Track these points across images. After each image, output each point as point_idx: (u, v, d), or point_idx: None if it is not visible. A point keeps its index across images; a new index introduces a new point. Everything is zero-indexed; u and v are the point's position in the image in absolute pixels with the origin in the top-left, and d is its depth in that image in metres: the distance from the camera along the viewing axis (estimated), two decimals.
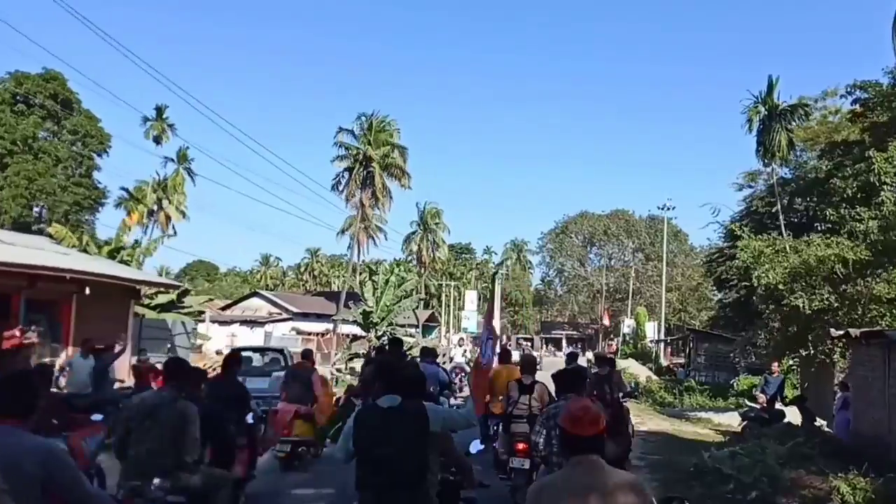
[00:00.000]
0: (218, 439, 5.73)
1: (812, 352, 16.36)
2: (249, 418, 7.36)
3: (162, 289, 25.70)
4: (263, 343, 36.41)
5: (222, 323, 40.19)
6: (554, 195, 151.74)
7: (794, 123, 26.74)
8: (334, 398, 11.76)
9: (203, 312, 31.98)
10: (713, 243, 68.62)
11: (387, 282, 29.46)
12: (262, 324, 38.44)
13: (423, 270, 67.12)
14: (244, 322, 39.22)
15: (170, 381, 5.36)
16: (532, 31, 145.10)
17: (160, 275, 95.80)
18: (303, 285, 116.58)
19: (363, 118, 44.52)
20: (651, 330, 59.29)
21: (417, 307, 33.05)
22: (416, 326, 62.40)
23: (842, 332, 11.98)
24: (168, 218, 55.58)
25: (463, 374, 22.84)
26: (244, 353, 15.22)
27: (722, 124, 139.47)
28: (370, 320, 28.52)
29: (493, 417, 10.00)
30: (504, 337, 73.66)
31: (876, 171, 22.52)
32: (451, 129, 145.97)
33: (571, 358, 12.95)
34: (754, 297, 37.05)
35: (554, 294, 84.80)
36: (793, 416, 14.13)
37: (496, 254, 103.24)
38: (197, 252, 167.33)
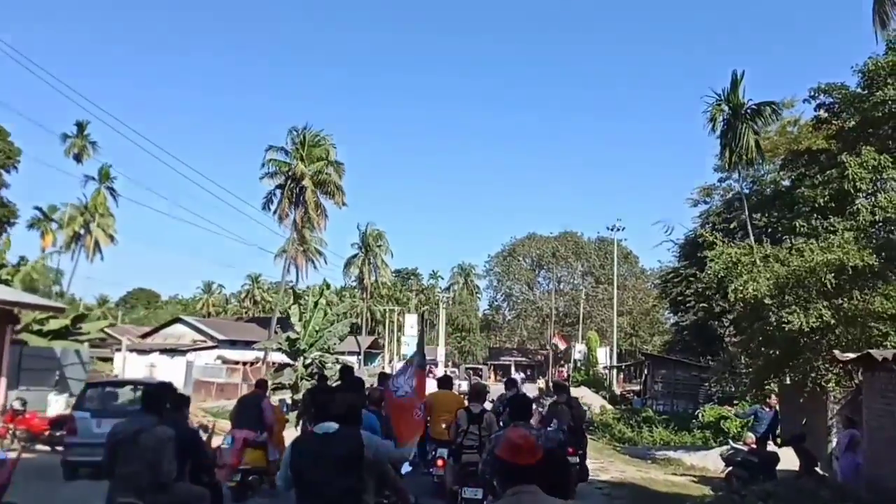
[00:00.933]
0: (195, 459, 5.93)
1: (800, 378, 13.89)
2: None
3: (51, 313, 22.21)
4: (185, 374, 33.05)
5: (141, 352, 36.57)
6: (502, 218, 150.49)
7: (759, 124, 24.61)
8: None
9: (105, 339, 28.43)
10: (665, 265, 67.38)
11: (315, 304, 26.47)
12: (183, 352, 34.97)
13: (365, 295, 63.98)
14: (164, 351, 35.70)
15: (150, 406, 5.68)
16: (477, 51, 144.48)
17: (99, 304, 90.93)
18: (245, 312, 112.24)
19: (295, 132, 41.80)
20: (603, 355, 57.36)
21: (353, 332, 29.72)
22: (358, 354, 59.18)
23: (856, 355, 9.51)
24: (96, 242, 51.72)
25: None
26: (107, 389, 12.27)
27: (673, 141, 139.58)
28: (297, 347, 25.43)
29: (431, 441, 9.78)
30: (450, 363, 71.36)
31: (850, 177, 20.66)
32: (395, 152, 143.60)
33: (510, 384, 12.59)
34: (728, 315, 34.92)
35: (502, 319, 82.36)
36: (788, 459, 11.66)
37: (443, 278, 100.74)
38: (138, 280, 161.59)
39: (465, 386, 27.01)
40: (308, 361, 25.62)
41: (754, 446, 11.87)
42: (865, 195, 20.78)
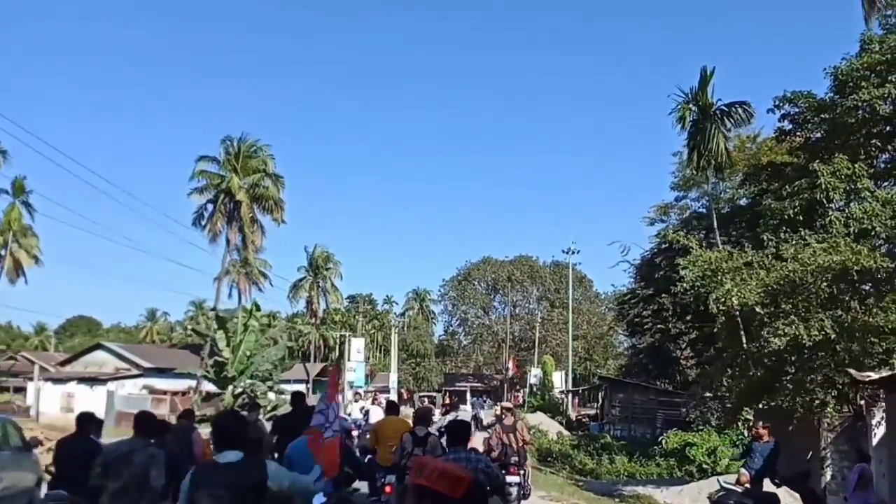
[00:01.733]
0: (180, 480, 5.22)
1: (788, 402, 12.09)
2: None
3: None
4: (106, 405, 30.14)
5: (58, 381, 33.52)
6: (457, 243, 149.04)
7: (729, 125, 23.12)
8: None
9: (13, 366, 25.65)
10: (619, 288, 66.39)
11: (245, 327, 24.13)
12: (103, 381, 31.98)
13: (314, 320, 61.28)
14: (83, 380, 32.70)
15: (139, 430, 6.07)
16: (425, 67, 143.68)
17: (37, 332, 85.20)
18: (190, 341, 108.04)
19: (229, 142, 38.86)
20: (558, 380, 56.06)
21: (303, 359, 27.03)
22: (307, 381, 56.44)
23: (881, 375, 7.78)
24: (17, 264, 48.19)
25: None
26: None
27: (629, 163, 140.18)
28: (224, 374, 23.03)
29: (379, 469, 9.66)
30: (404, 391, 68.95)
31: (822, 186, 19.36)
32: (346, 175, 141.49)
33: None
34: (685, 336, 33.41)
35: (458, 344, 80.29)
36: (788, 501, 9.80)
37: (397, 304, 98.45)
38: (78, 308, 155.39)
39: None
40: (239, 390, 23.28)
41: (748, 485, 9.86)
42: (838, 206, 19.51)
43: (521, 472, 11.56)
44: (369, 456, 10.38)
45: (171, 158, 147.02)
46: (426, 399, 55.68)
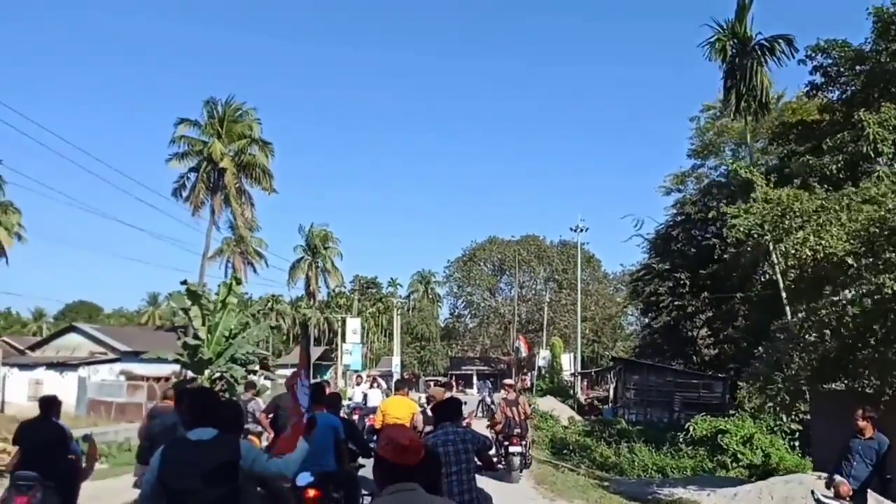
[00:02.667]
0: None
1: (876, 382, 9.56)
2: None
3: None
4: (77, 392, 27.93)
5: (24, 367, 31.17)
6: (462, 224, 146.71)
7: (770, 62, 20.42)
8: None
9: None
10: (626, 269, 64.18)
11: (223, 304, 21.77)
12: (74, 367, 29.66)
13: (313, 302, 58.96)
14: (53, 365, 30.31)
15: (179, 404, 6.07)
16: (433, 49, 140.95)
17: (35, 318, 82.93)
18: (177, 322, 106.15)
19: (212, 105, 35.90)
20: (567, 362, 53.65)
21: (270, 336, 24.59)
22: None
23: None
24: None
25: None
26: None
27: (639, 136, 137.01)
28: (199, 357, 20.70)
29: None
30: (407, 374, 66.69)
31: (870, 137, 16.92)
32: (347, 154, 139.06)
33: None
34: (701, 315, 31.00)
35: (463, 327, 77.93)
36: None
37: (402, 286, 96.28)
38: (80, 293, 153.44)
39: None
40: (217, 375, 20.99)
41: (850, 499, 7.27)
42: (888, 159, 17.06)
43: (523, 442, 13.11)
44: (375, 437, 9.91)
45: (151, 132, 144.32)
46: (432, 383, 53.40)
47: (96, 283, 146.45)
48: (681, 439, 21.43)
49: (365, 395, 19.69)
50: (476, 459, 5.64)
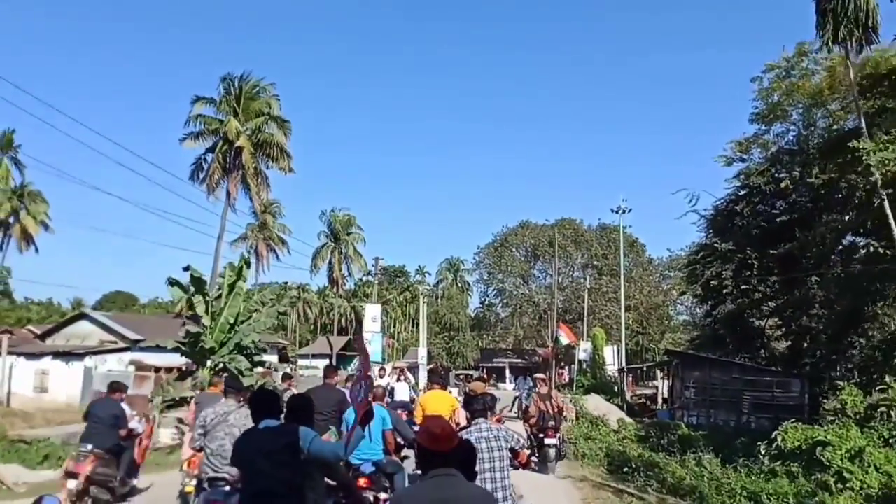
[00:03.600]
0: None
1: None
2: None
3: None
4: (82, 383, 25.34)
5: (31, 356, 28.67)
6: (494, 209, 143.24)
7: None
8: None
9: None
10: (674, 254, 60.14)
11: (231, 289, 18.77)
12: (80, 356, 27.07)
13: (336, 290, 55.99)
14: (59, 354, 27.78)
15: (229, 392, 7.07)
16: (467, 28, 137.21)
17: (73, 308, 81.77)
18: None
19: (229, 81, 33.44)
20: (609, 355, 49.95)
21: (280, 322, 21.07)
22: (329, 356, 51.41)
23: None
24: (25, 231, 43.83)
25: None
26: None
27: (682, 110, 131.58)
28: (201, 346, 17.72)
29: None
30: (436, 364, 63.65)
31: None
32: (374, 140, 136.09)
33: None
34: (770, 302, 27.28)
35: (495, 317, 74.38)
36: None
37: (430, 274, 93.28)
38: (117, 283, 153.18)
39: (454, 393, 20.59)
40: (220, 365, 18.02)
41: None
42: None
43: (558, 434, 13.73)
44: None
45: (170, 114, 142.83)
46: (463, 377, 50.29)
47: (133, 274, 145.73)
48: (762, 451, 17.76)
49: (392, 389, 18.20)
50: (510, 457, 5.53)
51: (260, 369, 12.31)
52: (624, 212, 52.66)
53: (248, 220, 45.77)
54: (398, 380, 19.67)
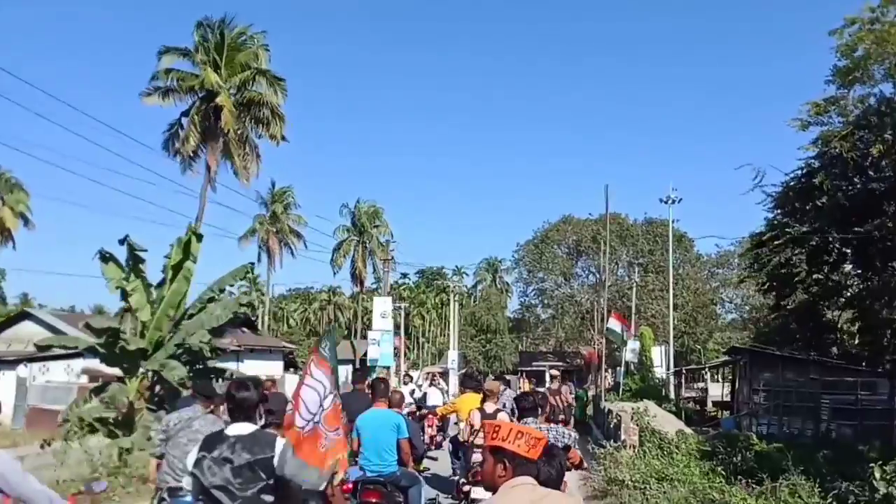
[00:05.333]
0: None
1: None
2: None
3: None
4: (15, 396, 21.61)
5: None
6: (534, 211, 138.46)
7: None
8: None
9: None
10: (723, 248, 55.14)
11: (175, 270, 14.90)
12: (12, 363, 23.26)
13: (360, 289, 52.16)
14: None
15: (196, 397, 6.62)
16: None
17: (21, 304, 78.80)
18: (256, 320, 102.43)
19: (207, 28, 28.18)
20: (657, 356, 45.47)
21: (239, 314, 16.71)
22: (353, 361, 47.57)
23: None
24: (2, 224, 40.75)
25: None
26: None
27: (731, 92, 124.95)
28: (122, 346, 13.74)
29: (459, 445, 9.98)
30: (468, 369, 59.68)
31: None
32: (405, 135, 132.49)
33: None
34: (846, 292, 23.49)
35: (535, 319, 69.87)
36: None
37: (468, 274, 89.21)
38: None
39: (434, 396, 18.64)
40: (149, 374, 14.17)
41: None
42: None
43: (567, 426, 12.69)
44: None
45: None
46: (468, 377, 45.72)
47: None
48: (876, 473, 13.15)
49: (425, 395, 18.58)
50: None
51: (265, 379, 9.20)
52: (674, 202, 47.63)
53: (254, 210, 42.18)
54: (430, 385, 19.78)
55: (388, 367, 31.47)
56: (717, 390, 42.61)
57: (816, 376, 23.09)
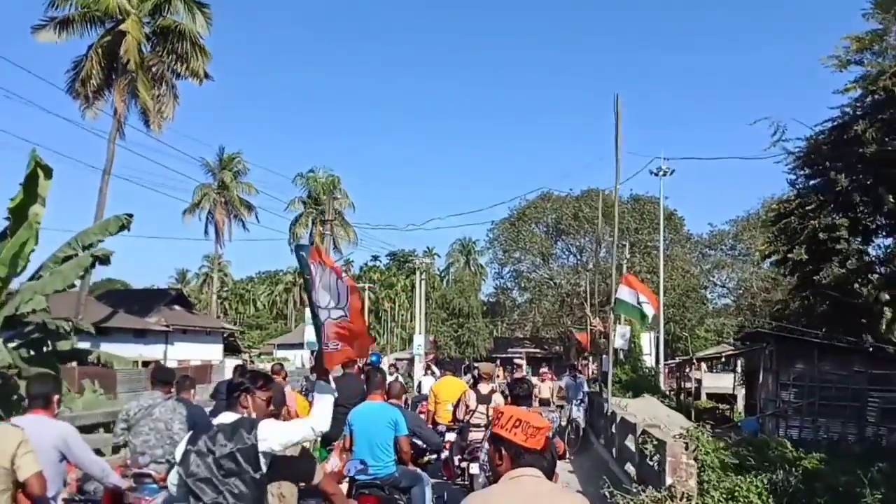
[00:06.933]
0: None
1: None
2: None
3: None
4: None
5: None
6: (514, 185, 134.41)
7: None
8: None
9: None
10: (717, 228, 51.37)
11: (18, 215, 10.18)
12: None
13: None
14: None
15: (155, 383, 6.56)
16: None
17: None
18: (222, 304, 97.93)
19: None
20: (646, 344, 41.64)
21: (79, 279, 12.41)
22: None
23: None
24: None
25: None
26: None
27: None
28: None
29: (436, 425, 9.98)
30: (436, 356, 55.71)
31: None
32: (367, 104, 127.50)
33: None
34: (885, 267, 19.23)
35: (511, 303, 65.50)
36: None
37: (440, 256, 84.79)
38: (109, 271, 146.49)
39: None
40: None
41: None
42: None
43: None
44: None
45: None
46: (476, 370, 41.52)
47: (127, 261, 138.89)
48: None
49: (419, 383, 18.72)
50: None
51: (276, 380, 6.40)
52: (665, 173, 43.58)
53: (200, 178, 36.93)
54: (426, 373, 19.99)
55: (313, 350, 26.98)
56: (712, 382, 38.99)
57: (862, 369, 18.86)
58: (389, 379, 8.94)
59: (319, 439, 7.56)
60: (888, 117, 19.53)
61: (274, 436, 3.70)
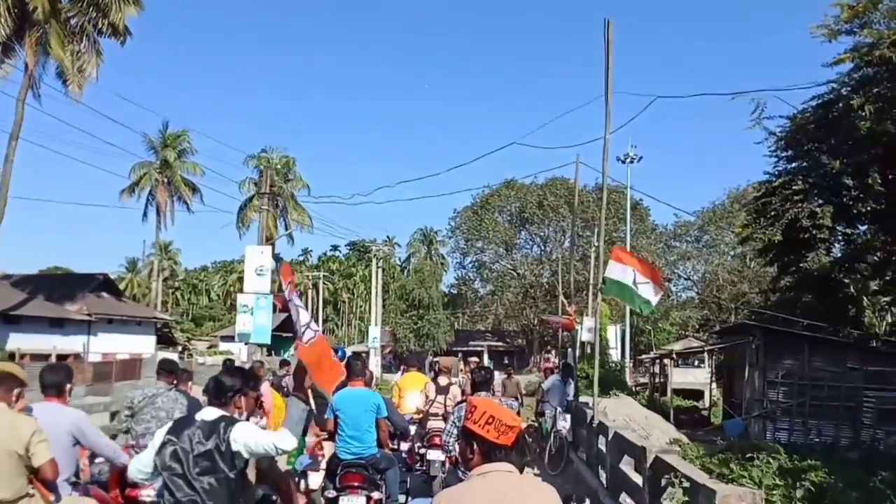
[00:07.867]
0: None
1: None
2: None
3: None
4: None
5: None
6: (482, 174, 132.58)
7: None
8: None
9: None
10: (682, 218, 49.93)
11: None
12: None
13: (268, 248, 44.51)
14: None
15: (159, 373, 6.73)
16: None
17: None
18: (171, 294, 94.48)
19: None
20: (612, 337, 40.32)
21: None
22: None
23: None
24: None
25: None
26: None
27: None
28: None
29: (405, 416, 9.74)
30: (394, 348, 53.63)
31: None
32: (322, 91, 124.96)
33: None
34: (869, 256, 17.44)
35: (473, 294, 63.58)
36: None
37: (400, 246, 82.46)
38: (56, 258, 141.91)
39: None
40: None
41: None
42: None
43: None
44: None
45: None
46: (437, 364, 39.40)
47: (73, 248, 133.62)
48: None
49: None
50: None
51: (280, 372, 10.46)
52: (633, 160, 42.09)
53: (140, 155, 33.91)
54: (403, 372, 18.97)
55: (266, 346, 24.26)
56: (681, 377, 37.43)
57: (857, 365, 17.13)
58: None
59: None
60: (885, 91, 17.71)
61: (244, 441, 3.70)
